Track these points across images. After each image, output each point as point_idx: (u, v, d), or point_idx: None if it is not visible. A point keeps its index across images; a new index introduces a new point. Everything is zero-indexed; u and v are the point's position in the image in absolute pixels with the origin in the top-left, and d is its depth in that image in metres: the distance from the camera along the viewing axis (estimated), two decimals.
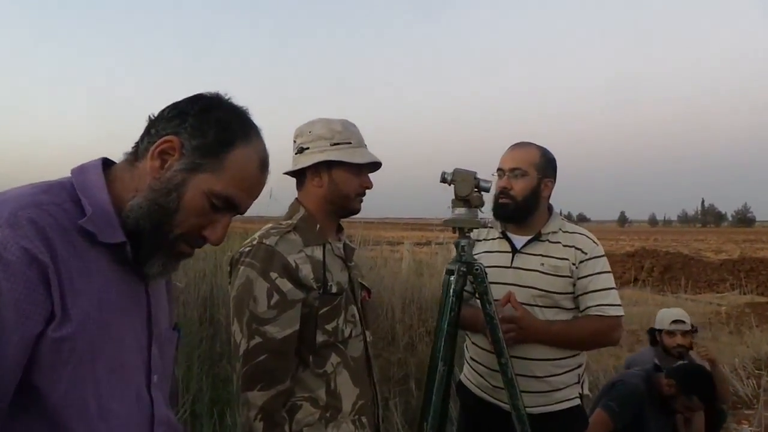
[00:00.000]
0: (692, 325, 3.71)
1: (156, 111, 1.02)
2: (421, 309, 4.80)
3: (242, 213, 1.04)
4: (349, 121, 1.73)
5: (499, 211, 2.17)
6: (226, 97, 1.03)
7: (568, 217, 2.46)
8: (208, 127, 0.96)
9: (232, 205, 1.00)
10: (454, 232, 1.97)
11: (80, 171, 0.98)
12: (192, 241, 1.00)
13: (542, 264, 2.11)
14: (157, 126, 0.99)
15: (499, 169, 2.20)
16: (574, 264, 2.09)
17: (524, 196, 2.12)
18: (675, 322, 3.66)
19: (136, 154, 0.99)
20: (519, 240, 2.19)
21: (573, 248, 2.12)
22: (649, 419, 3.08)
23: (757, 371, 6.00)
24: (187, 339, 3.29)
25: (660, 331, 3.71)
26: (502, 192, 2.15)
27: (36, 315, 0.82)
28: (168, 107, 1.01)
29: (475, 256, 2.21)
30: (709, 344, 6.74)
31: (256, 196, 1.05)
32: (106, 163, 1.02)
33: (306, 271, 1.58)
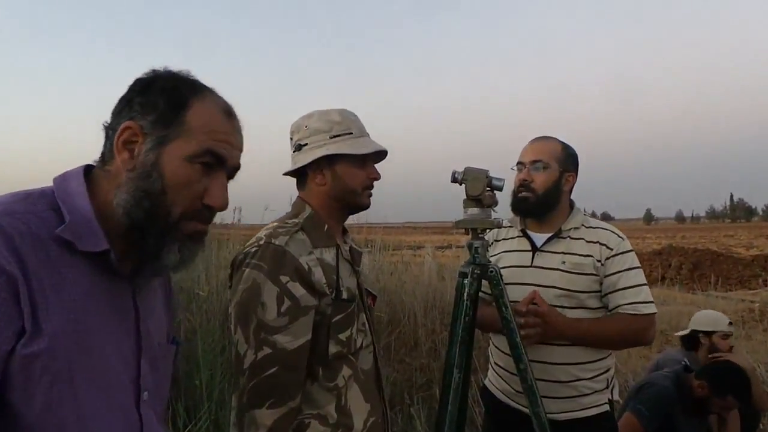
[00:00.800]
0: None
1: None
2: (443, 313, 4.74)
3: (234, 167, 1.00)
4: (347, 110, 1.61)
5: (518, 205, 2.08)
6: (162, 68, 1.00)
7: (592, 216, 2.38)
8: (156, 99, 0.94)
9: (218, 160, 0.96)
10: (467, 234, 1.89)
11: (62, 179, 0.95)
12: (197, 215, 0.96)
13: (563, 262, 2.02)
14: (111, 126, 0.97)
15: (519, 163, 2.11)
16: (599, 261, 2.00)
17: (545, 189, 2.04)
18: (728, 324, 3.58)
19: (104, 158, 0.97)
20: (539, 238, 2.10)
21: (597, 244, 2.02)
22: (681, 422, 2.97)
23: None
24: (210, 347, 3.28)
25: (711, 333, 3.59)
26: (522, 185, 2.06)
27: (5, 330, 0.78)
28: (114, 106, 0.99)
29: (495, 257, 2.14)
30: (742, 343, 6.54)
31: (238, 146, 1.01)
32: (90, 170, 0.99)
33: (318, 275, 1.45)
